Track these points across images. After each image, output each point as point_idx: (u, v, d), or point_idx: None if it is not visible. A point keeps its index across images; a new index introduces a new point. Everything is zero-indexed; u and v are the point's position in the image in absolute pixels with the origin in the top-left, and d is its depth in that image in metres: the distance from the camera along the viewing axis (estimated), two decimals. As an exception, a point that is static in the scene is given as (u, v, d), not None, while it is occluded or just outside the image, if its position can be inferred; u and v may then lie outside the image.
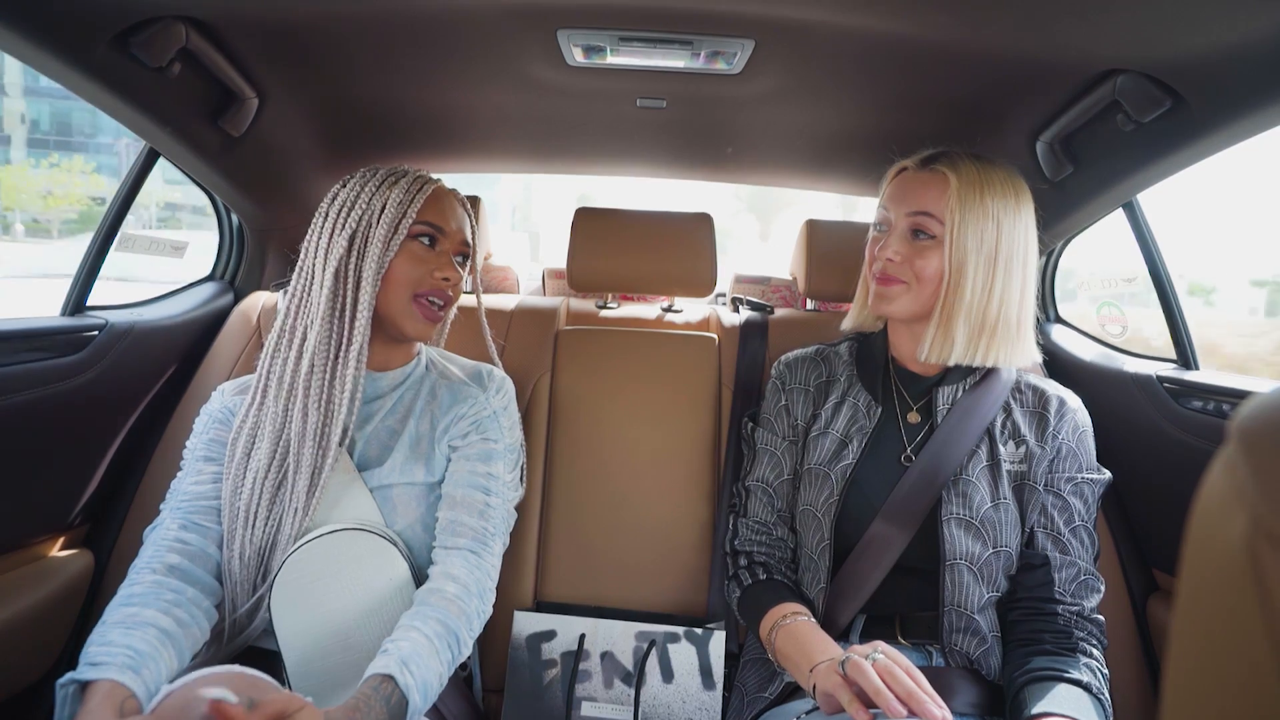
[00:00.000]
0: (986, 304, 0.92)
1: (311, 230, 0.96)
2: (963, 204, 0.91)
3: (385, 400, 0.99)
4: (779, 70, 1.12)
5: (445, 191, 1.00)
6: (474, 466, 0.97)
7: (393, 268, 0.93)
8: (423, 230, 0.95)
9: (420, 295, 0.94)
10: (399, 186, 0.94)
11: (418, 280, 0.94)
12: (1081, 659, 0.88)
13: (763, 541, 1.04)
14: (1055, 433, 0.96)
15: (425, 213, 0.95)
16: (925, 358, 0.96)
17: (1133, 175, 1.14)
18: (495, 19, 1.00)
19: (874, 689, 0.71)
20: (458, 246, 0.99)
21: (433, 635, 0.81)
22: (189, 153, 1.19)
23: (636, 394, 1.35)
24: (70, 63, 0.92)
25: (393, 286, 0.93)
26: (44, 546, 1.16)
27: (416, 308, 0.95)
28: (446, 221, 0.97)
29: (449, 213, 0.98)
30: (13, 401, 1.03)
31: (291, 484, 0.90)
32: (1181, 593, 0.32)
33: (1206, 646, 0.30)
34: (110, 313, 1.24)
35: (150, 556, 0.86)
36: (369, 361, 0.98)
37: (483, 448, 0.99)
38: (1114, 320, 1.39)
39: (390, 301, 0.94)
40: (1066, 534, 0.94)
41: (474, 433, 0.99)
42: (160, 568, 0.85)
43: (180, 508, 0.91)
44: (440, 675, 0.81)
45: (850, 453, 0.99)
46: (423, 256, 0.95)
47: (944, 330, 0.94)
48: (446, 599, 0.86)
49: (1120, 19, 0.86)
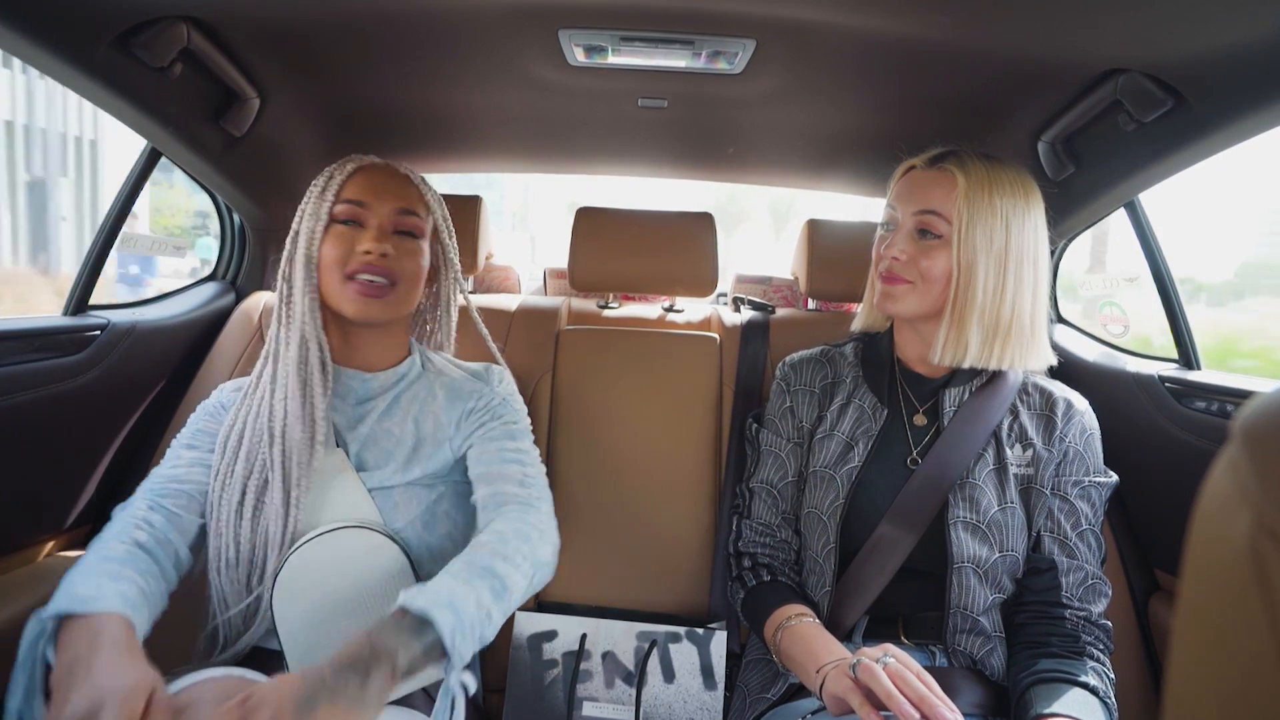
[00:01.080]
0: (999, 305, 0.91)
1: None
2: (970, 203, 0.91)
3: (378, 401, 0.97)
4: (780, 70, 1.12)
5: (374, 166, 0.95)
6: (502, 444, 0.95)
7: (322, 255, 0.91)
8: (344, 212, 0.92)
9: (350, 274, 0.91)
10: (324, 177, 0.93)
11: (342, 259, 0.90)
12: (1088, 662, 0.87)
13: (766, 543, 1.04)
14: (1062, 436, 0.96)
15: (345, 192, 0.92)
16: (939, 360, 0.94)
17: (1134, 175, 1.14)
18: (497, 19, 1.00)
19: (886, 692, 0.70)
20: (391, 219, 0.93)
21: (455, 572, 0.76)
22: (191, 153, 1.20)
23: (638, 394, 1.35)
24: (72, 63, 0.93)
25: (325, 273, 0.91)
26: (45, 546, 1.16)
27: (350, 287, 0.90)
28: (369, 196, 0.92)
29: (374, 186, 0.93)
30: (14, 401, 1.03)
31: (273, 485, 0.88)
32: (1184, 592, 0.32)
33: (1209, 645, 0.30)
34: (112, 313, 1.24)
35: (119, 529, 0.83)
36: (356, 362, 0.97)
37: (504, 429, 0.97)
38: (1115, 320, 1.39)
39: (326, 287, 0.92)
40: (1074, 538, 0.93)
41: (490, 420, 0.98)
42: (129, 540, 0.82)
43: (153, 489, 0.89)
44: (477, 601, 0.73)
45: (856, 455, 0.98)
46: (346, 236, 0.91)
47: (957, 332, 0.93)
48: (477, 545, 0.81)
49: (1122, 19, 0.86)
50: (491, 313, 1.41)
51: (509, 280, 1.93)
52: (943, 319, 0.94)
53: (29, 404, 1.06)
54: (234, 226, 1.53)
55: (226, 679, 0.72)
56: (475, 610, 0.72)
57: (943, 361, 0.94)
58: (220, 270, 1.56)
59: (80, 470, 1.19)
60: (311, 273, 0.91)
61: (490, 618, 0.74)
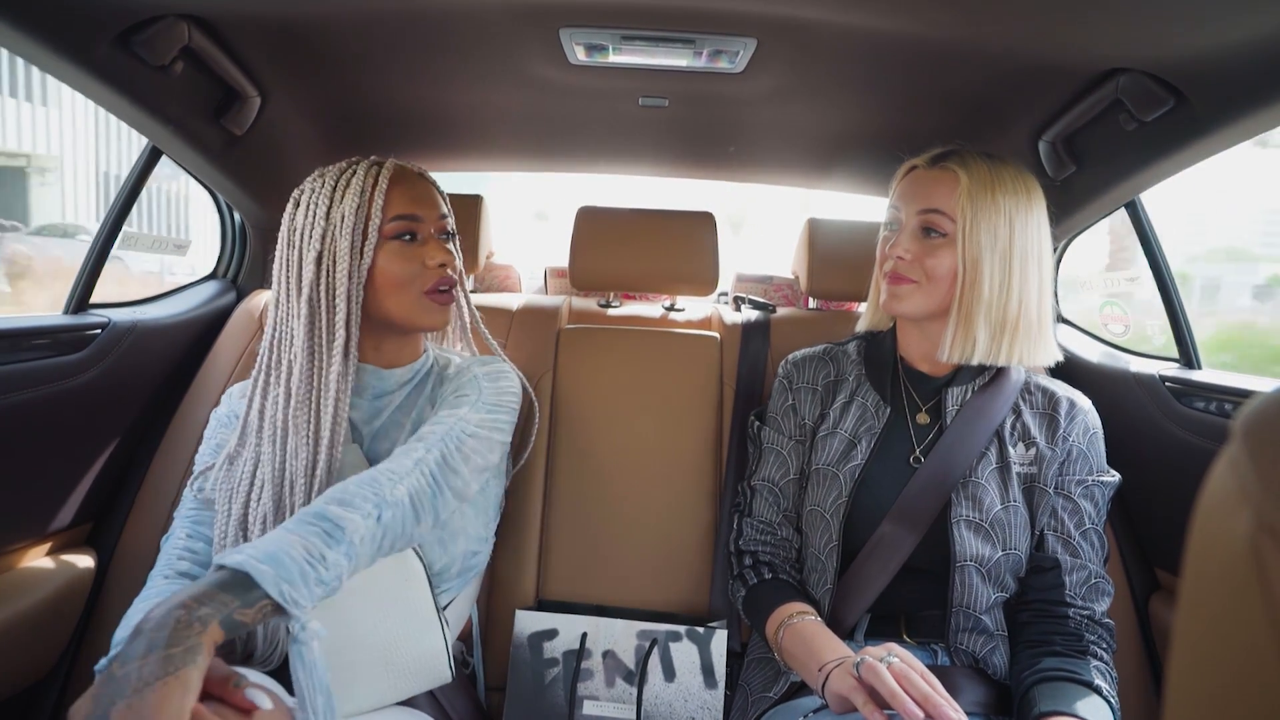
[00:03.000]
0: (1006, 302, 0.92)
1: (278, 254, 0.90)
2: (974, 201, 0.91)
3: (394, 396, 0.98)
4: (781, 69, 1.12)
5: (407, 173, 0.93)
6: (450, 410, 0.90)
7: (378, 275, 0.88)
8: (398, 228, 0.89)
9: (429, 290, 0.91)
10: (351, 189, 0.87)
11: (414, 277, 0.89)
12: (1092, 661, 0.87)
13: (768, 541, 1.04)
14: (1065, 435, 0.96)
15: (393, 206, 0.89)
16: (947, 358, 0.94)
17: (1135, 174, 1.13)
18: (498, 17, 1.00)
19: (890, 691, 0.71)
20: (439, 225, 0.93)
21: (284, 525, 0.70)
22: (191, 151, 1.20)
23: (638, 392, 1.35)
24: (73, 61, 0.93)
25: (387, 293, 0.89)
26: (46, 545, 1.17)
27: (427, 301, 0.91)
28: (418, 208, 0.90)
29: (418, 195, 0.91)
30: (14, 400, 1.03)
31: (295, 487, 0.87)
32: (1184, 591, 0.32)
33: (1209, 644, 0.30)
34: (112, 311, 1.24)
35: (163, 564, 0.88)
36: (379, 359, 0.97)
37: (457, 400, 0.92)
38: (1115, 319, 1.39)
39: (391, 303, 0.90)
40: (1077, 536, 0.94)
41: (454, 395, 0.94)
42: (171, 574, 0.86)
43: (189, 516, 0.91)
44: (305, 546, 0.67)
45: (859, 453, 0.99)
46: (407, 253, 0.89)
47: (964, 329, 0.93)
48: (319, 499, 0.74)
49: (1123, 18, 0.86)
50: (492, 311, 1.41)
51: (509, 279, 1.93)
52: (949, 317, 0.94)
53: (29, 402, 1.06)
54: (234, 225, 1.53)
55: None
56: (303, 555, 0.66)
57: (951, 359, 0.94)
58: (221, 269, 1.56)
59: (81, 469, 1.19)
60: (359, 291, 0.88)
61: (325, 560, 0.68)
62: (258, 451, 0.88)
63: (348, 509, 0.73)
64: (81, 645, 1.18)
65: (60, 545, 1.20)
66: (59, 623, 1.15)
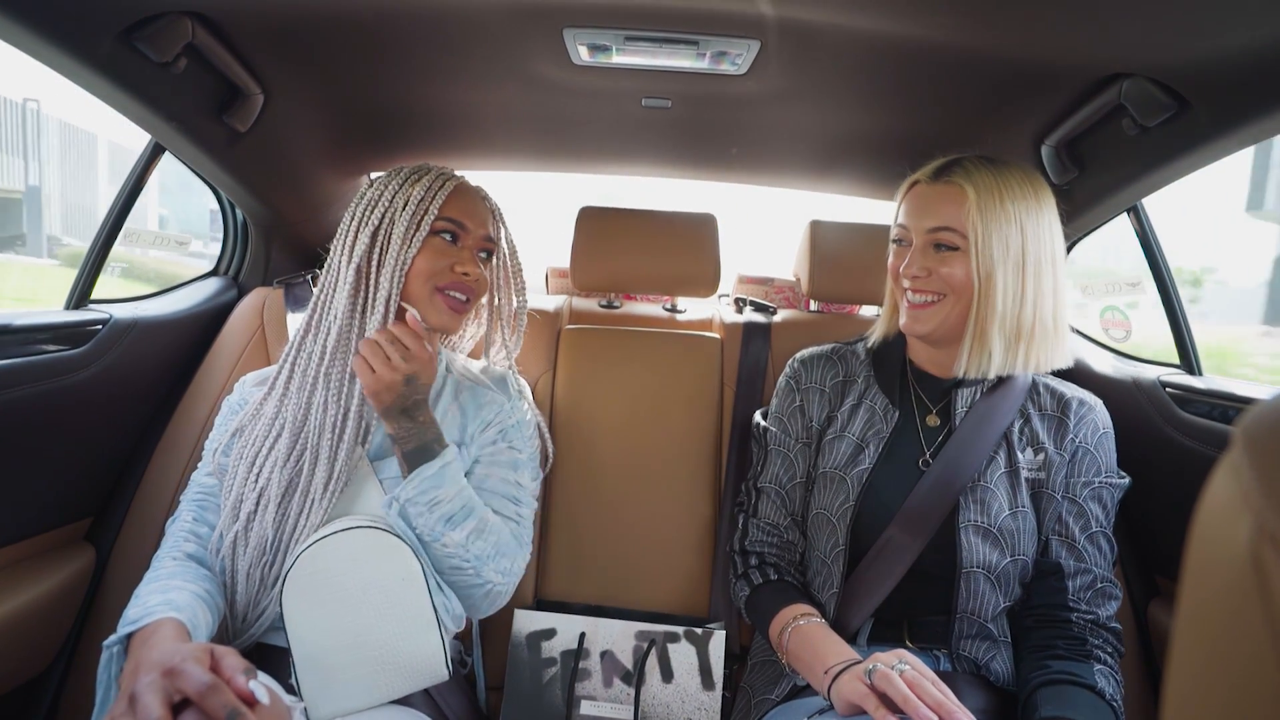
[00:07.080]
0: (1020, 310, 0.91)
1: (340, 228, 0.99)
2: (983, 214, 0.90)
3: None
4: (784, 71, 1.12)
5: (468, 188, 1.01)
6: (505, 474, 1.01)
7: (415, 263, 0.95)
8: (444, 226, 0.97)
9: (441, 288, 0.96)
10: (421, 184, 0.97)
11: (438, 273, 0.96)
12: (1095, 665, 0.87)
13: (773, 543, 1.03)
14: (1074, 436, 0.95)
15: (447, 209, 0.97)
16: (964, 373, 0.94)
17: (1138, 180, 1.13)
18: (501, 17, 1.00)
19: (902, 697, 0.71)
20: (480, 243, 1.00)
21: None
22: (194, 148, 1.20)
23: (638, 393, 1.35)
24: (76, 57, 0.93)
25: (414, 279, 0.95)
26: (46, 540, 1.17)
27: (440, 299, 0.96)
28: (468, 217, 0.98)
29: (471, 209, 0.99)
30: (16, 395, 1.03)
31: (308, 476, 0.92)
32: (1184, 597, 0.32)
33: (1209, 651, 0.30)
34: (114, 307, 1.24)
35: (170, 546, 0.92)
36: None
37: (510, 456, 1.02)
38: (1116, 324, 1.39)
39: (413, 293, 0.96)
40: (1083, 541, 0.93)
41: (501, 440, 1.02)
42: (179, 555, 0.90)
43: (195, 500, 0.96)
44: (462, 495, 0.92)
45: (867, 457, 0.98)
46: (444, 251, 0.97)
47: (979, 344, 0.92)
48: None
49: (1126, 23, 0.86)
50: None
51: None
52: (964, 337, 0.93)
53: (31, 398, 1.06)
54: (236, 222, 1.53)
55: None
56: (457, 495, 0.89)
57: (969, 374, 0.94)
58: (223, 266, 1.56)
59: (81, 464, 1.20)
60: (400, 276, 0.94)
61: (453, 520, 0.90)
62: (282, 401, 0.95)
63: (496, 520, 0.96)
64: (80, 639, 1.18)
65: (60, 540, 1.20)
66: (58, 616, 1.15)
